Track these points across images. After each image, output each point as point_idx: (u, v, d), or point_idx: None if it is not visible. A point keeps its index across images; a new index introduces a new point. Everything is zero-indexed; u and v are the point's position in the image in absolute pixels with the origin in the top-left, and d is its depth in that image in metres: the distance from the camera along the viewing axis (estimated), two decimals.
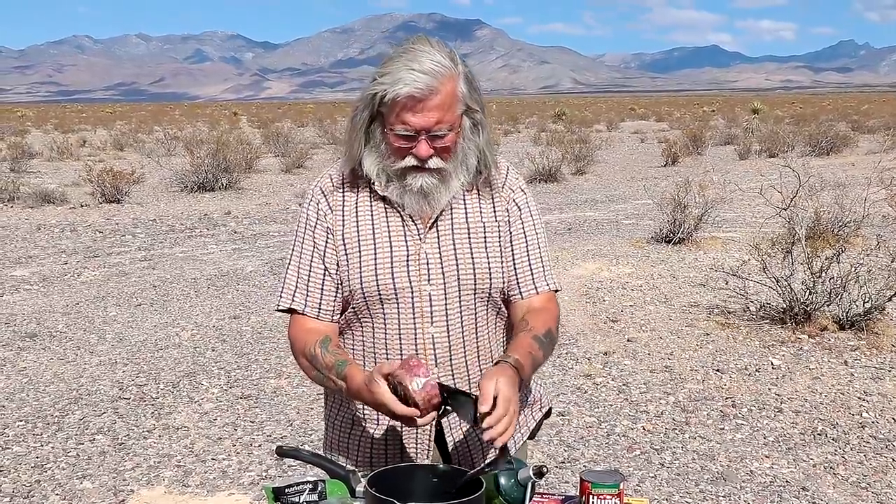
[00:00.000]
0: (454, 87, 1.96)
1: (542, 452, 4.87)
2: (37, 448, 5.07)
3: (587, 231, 12.92)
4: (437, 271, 2.07)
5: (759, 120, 43.11)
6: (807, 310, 6.94)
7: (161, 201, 17.14)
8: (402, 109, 1.93)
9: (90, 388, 6.14)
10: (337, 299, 2.12)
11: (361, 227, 2.09)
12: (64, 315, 8.25)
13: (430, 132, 1.95)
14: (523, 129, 45.09)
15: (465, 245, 2.09)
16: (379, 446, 2.16)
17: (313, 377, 2.07)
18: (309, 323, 2.11)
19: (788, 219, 7.86)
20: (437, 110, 1.93)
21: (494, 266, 2.11)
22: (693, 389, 5.88)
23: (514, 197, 2.17)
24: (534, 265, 2.15)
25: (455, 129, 1.99)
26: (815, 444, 4.95)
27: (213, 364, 6.66)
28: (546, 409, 2.35)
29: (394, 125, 1.95)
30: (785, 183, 8.50)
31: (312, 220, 2.12)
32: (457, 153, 2.03)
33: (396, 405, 1.81)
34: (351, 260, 2.08)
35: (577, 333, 7.17)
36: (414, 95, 1.90)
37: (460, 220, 2.11)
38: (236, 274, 10.16)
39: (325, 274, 2.10)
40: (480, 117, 2.05)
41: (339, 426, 2.23)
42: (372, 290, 2.06)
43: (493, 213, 2.14)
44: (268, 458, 4.86)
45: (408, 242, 2.08)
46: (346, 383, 1.96)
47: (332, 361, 2.00)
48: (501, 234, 2.13)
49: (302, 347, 2.08)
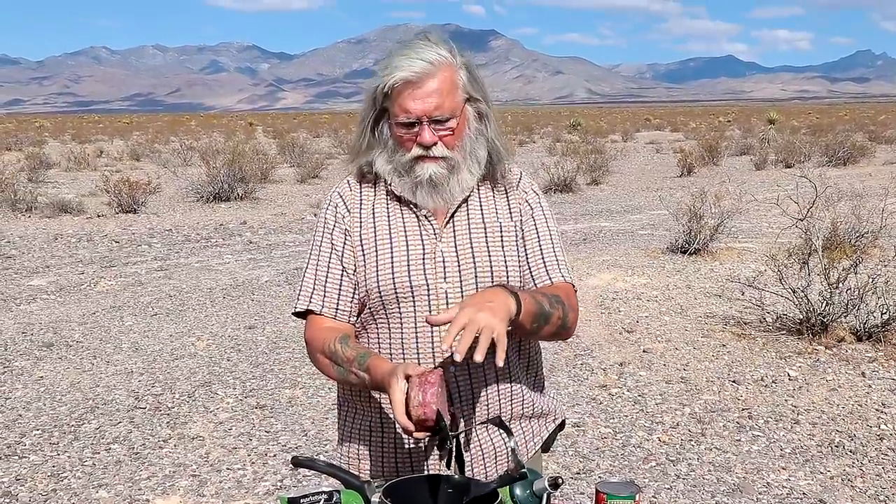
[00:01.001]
0: (452, 75, 2.00)
1: (558, 463, 4.85)
2: (53, 457, 5.09)
3: (602, 241, 12.90)
4: (453, 269, 2.08)
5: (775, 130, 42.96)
6: (824, 321, 6.90)
7: (177, 211, 17.22)
8: (401, 98, 1.98)
9: (106, 397, 6.17)
10: (354, 300, 2.13)
11: (378, 227, 2.11)
12: (80, 324, 8.29)
13: (431, 118, 1.98)
14: (538, 140, 45.11)
15: (482, 243, 2.11)
16: (401, 455, 2.16)
17: (333, 373, 2.06)
18: (326, 322, 2.11)
19: (805, 229, 7.82)
20: (436, 95, 1.97)
21: (511, 264, 2.11)
22: (709, 400, 5.85)
23: (526, 198, 2.18)
24: (546, 257, 2.14)
25: (457, 117, 2.01)
26: (832, 455, 4.91)
27: (229, 374, 6.68)
28: (559, 420, 2.34)
29: (397, 115, 2.00)
30: (801, 193, 8.46)
31: (331, 223, 2.14)
32: (463, 143, 2.05)
33: (398, 409, 1.79)
34: (368, 259, 2.09)
35: (592, 344, 7.16)
36: (410, 80, 1.95)
37: (476, 218, 2.13)
38: (251, 284, 10.19)
39: (342, 274, 2.11)
40: (485, 108, 2.08)
41: (357, 434, 2.22)
42: (388, 289, 2.06)
43: (508, 212, 2.16)
44: (283, 469, 4.86)
45: (424, 241, 2.09)
46: (370, 374, 1.94)
47: (353, 355, 2.00)
48: (517, 232, 2.15)
49: (321, 345, 2.07)
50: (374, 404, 2.16)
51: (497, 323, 1.77)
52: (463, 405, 2.09)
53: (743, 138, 37.30)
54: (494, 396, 2.12)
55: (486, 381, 2.11)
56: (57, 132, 59.94)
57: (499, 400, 2.13)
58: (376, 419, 2.17)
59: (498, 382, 2.12)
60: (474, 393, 2.10)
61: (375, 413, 2.16)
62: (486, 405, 2.12)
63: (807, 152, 26.72)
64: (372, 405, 2.17)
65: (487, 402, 2.11)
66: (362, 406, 2.19)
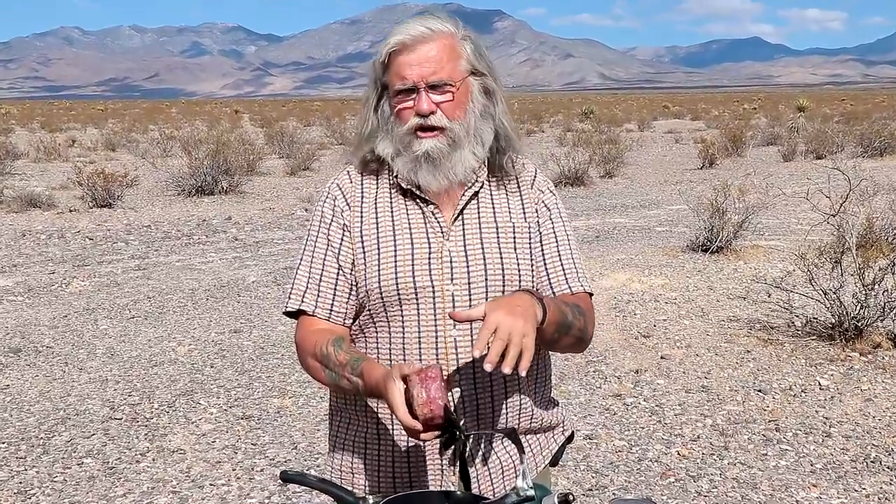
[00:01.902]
0: (453, 43, 2.05)
1: (568, 479, 4.86)
2: (20, 472, 5.09)
3: (617, 239, 12.90)
4: (461, 270, 2.07)
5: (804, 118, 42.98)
6: (858, 325, 6.90)
7: (156, 206, 17.23)
8: (397, 64, 2.02)
9: (79, 407, 6.17)
10: (350, 301, 2.13)
11: (381, 224, 2.11)
12: (51, 328, 8.30)
13: (428, 83, 2.01)
14: (548, 129, 45.15)
15: (494, 243, 2.11)
16: (398, 468, 2.15)
17: (324, 378, 2.05)
18: (319, 324, 2.11)
19: (837, 226, 7.82)
20: (434, 60, 2.01)
21: (524, 266, 2.12)
22: (733, 411, 5.85)
23: (543, 198, 2.19)
24: (566, 265, 2.16)
25: (457, 85, 2.03)
26: (867, 472, 4.91)
27: (212, 382, 6.68)
28: (569, 432, 2.34)
29: (394, 83, 2.04)
30: (833, 187, 8.46)
31: (328, 217, 2.14)
32: (467, 118, 2.06)
33: (401, 411, 1.78)
34: (369, 258, 2.09)
35: (605, 350, 7.16)
36: (405, 42, 2.01)
37: (488, 216, 2.13)
38: (237, 284, 10.20)
39: (338, 273, 2.11)
40: (492, 84, 2.10)
41: (351, 446, 2.21)
42: (391, 290, 2.06)
43: (521, 212, 2.16)
44: (271, 484, 4.86)
45: (430, 239, 2.09)
46: (363, 379, 1.94)
47: (346, 359, 1.99)
48: (532, 234, 2.15)
49: (311, 347, 2.06)
50: (370, 414, 2.15)
51: (529, 330, 1.77)
52: (466, 418, 2.08)
53: (770, 127, 37.31)
54: (501, 408, 2.11)
55: (492, 393, 2.10)
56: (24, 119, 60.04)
57: (505, 412, 2.12)
58: (372, 430, 2.16)
59: (505, 394, 2.11)
60: (479, 405, 2.09)
61: (371, 423, 2.16)
62: (491, 418, 2.11)
63: (839, 142, 26.74)
64: (367, 414, 2.16)
65: (493, 415, 2.11)
66: (357, 415, 2.19)
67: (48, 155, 27.91)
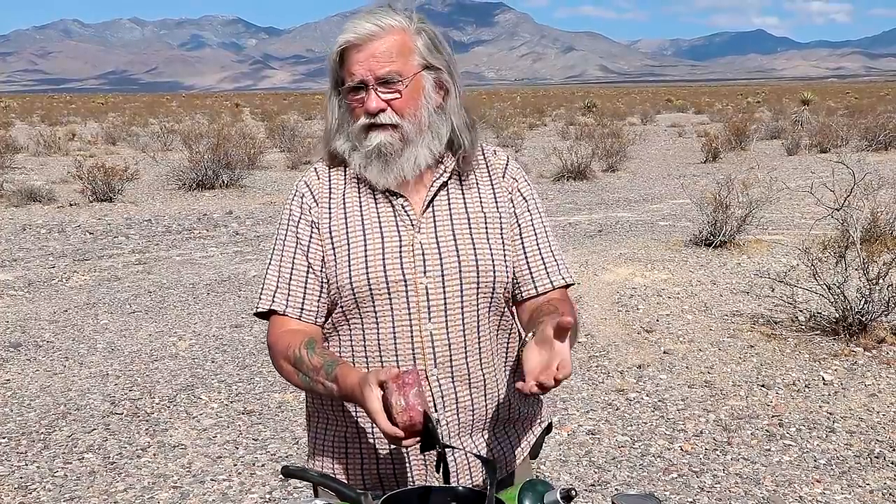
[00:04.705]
0: (404, 38, 2.04)
1: (571, 474, 4.86)
2: (21, 467, 5.11)
3: (620, 233, 12.90)
4: (434, 262, 2.07)
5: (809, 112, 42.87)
6: (862, 320, 6.90)
7: (157, 200, 17.25)
8: (348, 62, 2.03)
9: (79, 402, 6.18)
10: (321, 299, 2.12)
11: (350, 218, 2.11)
12: (51, 323, 8.31)
13: (377, 78, 2.00)
14: (550, 123, 45.09)
15: (466, 234, 2.10)
16: (383, 466, 2.14)
17: (298, 382, 2.04)
18: (291, 324, 2.11)
19: (842, 220, 7.81)
20: (383, 58, 2.00)
21: (497, 256, 2.11)
22: (736, 406, 5.86)
23: (518, 186, 2.19)
24: (546, 258, 2.16)
25: (407, 81, 2.02)
26: (871, 467, 4.92)
27: (213, 377, 6.69)
28: (546, 423, 2.35)
29: (345, 81, 2.05)
30: (838, 181, 8.45)
31: (296, 215, 2.15)
32: (419, 113, 2.05)
33: (380, 418, 1.77)
34: (339, 253, 2.08)
35: (608, 345, 7.16)
36: (352, 41, 2.01)
37: (458, 206, 2.13)
38: (238, 279, 10.20)
39: (308, 271, 2.11)
40: (447, 79, 2.09)
41: (331, 447, 2.20)
42: (362, 285, 2.05)
43: (493, 201, 2.16)
44: (272, 479, 4.88)
45: (400, 232, 2.08)
46: (337, 384, 1.93)
47: (319, 363, 1.98)
48: (503, 223, 2.15)
49: (284, 350, 2.06)
50: (348, 413, 2.14)
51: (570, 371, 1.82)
52: (446, 411, 2.09)
53: (774, 120, 37.29)
54: (480, 401, 2.13)
55: (470, 386, 2.11)
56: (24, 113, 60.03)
57: (485, 405, 2.14)
58: (352, 429, 2.16)
59: (484, 386, 2.13)
60: (458, 398, 2.10)
61: (350, 423, 2.15)
62: (471, 410, 2.12)
63: (844, 136, 26.69)
64: (346, 414, 2.15)
65: (472, 407, 2.12)
66: (335, 416, 2.18)
67: (48, 149, 27.89)
